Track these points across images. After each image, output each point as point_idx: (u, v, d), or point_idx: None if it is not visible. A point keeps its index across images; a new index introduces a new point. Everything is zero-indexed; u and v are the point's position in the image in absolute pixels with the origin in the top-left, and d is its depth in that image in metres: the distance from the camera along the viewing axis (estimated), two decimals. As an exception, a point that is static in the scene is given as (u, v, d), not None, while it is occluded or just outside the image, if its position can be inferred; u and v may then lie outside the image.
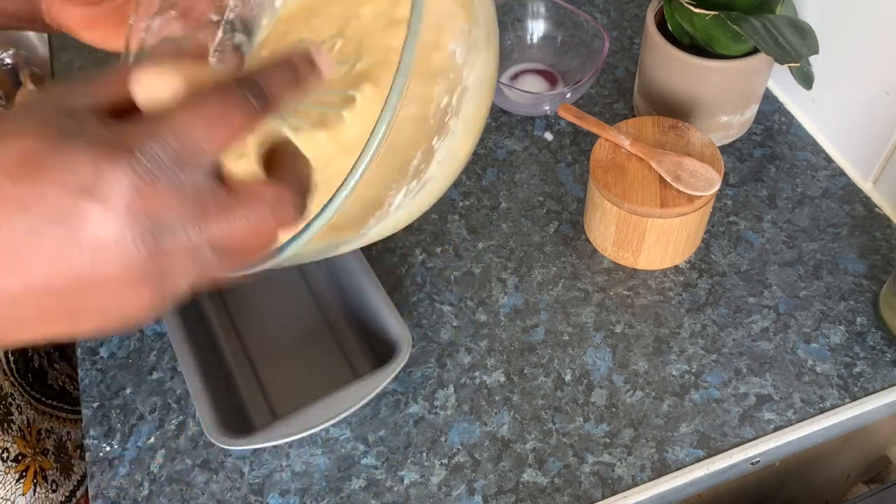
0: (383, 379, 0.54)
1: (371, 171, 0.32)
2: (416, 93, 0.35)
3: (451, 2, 0.39)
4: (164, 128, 0.25)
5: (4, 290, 0.25)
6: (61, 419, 0.70)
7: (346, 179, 0.31)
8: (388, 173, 0.36)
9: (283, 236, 0.41)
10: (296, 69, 0.29)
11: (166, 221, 0.26)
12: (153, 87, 0.27)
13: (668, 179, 0.60)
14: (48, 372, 0.71)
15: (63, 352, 0.77)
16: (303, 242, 0.34)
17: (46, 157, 0.24)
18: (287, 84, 0.28)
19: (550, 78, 0.79)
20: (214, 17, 0.49)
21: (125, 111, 0.27)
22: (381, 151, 0.31)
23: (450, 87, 0.38)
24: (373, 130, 0.31)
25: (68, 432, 0.70)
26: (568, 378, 0.60)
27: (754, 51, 0.65)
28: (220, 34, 0.50)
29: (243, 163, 0.47)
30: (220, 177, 0.28)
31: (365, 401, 0.54)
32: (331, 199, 0.32)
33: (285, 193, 0.28)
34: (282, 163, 0.30)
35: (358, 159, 0.31)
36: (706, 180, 0.60)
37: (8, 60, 1.09)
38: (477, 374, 0.61)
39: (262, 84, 0.27)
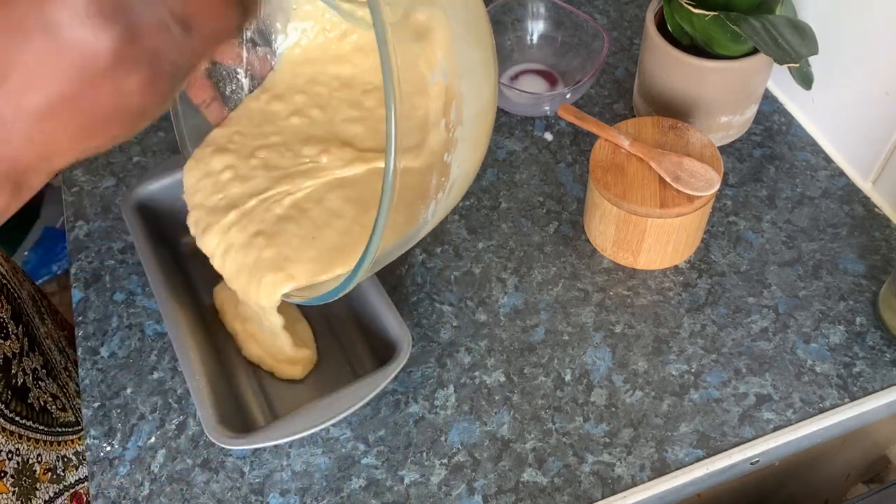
0: (383, 379, 0.54)
1: (389, 226, 0.36)
2: (413, 142, 0.36)
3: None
4: None
5: (31, 110, 0.28)
6: (33, 441, 0.68)
7: (367, 246, 0.36)
8: (409, 212, 0.38)
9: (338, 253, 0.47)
10: None
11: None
12: None
13: (668, 179, 0.60)
14: (31, 390, 0.69)
15: (52, 369, 0.74)
16: (358, 278, 0.39)
17: None
18: None
19: (550, 78, 0.79)
20: (235, 40, 0.50)
21: None
22: (392, 217, 0.35)
23: (442, 108, 0.38)
24: (378, 210, 0.35)
25: (39, 454, 0.69)
26: (568, 378, 0.60)
27: (754, 51, 0.66)
28: (245, 53, 0.51)
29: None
30: None
31: (365, 401, 0.54)
32: (360, 261, 0.38)
33: None
34: None
35: (374, 230, 0.35)
36: (706, 180, 0.60)
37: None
38: (477, 373, 0.61)
39: None
